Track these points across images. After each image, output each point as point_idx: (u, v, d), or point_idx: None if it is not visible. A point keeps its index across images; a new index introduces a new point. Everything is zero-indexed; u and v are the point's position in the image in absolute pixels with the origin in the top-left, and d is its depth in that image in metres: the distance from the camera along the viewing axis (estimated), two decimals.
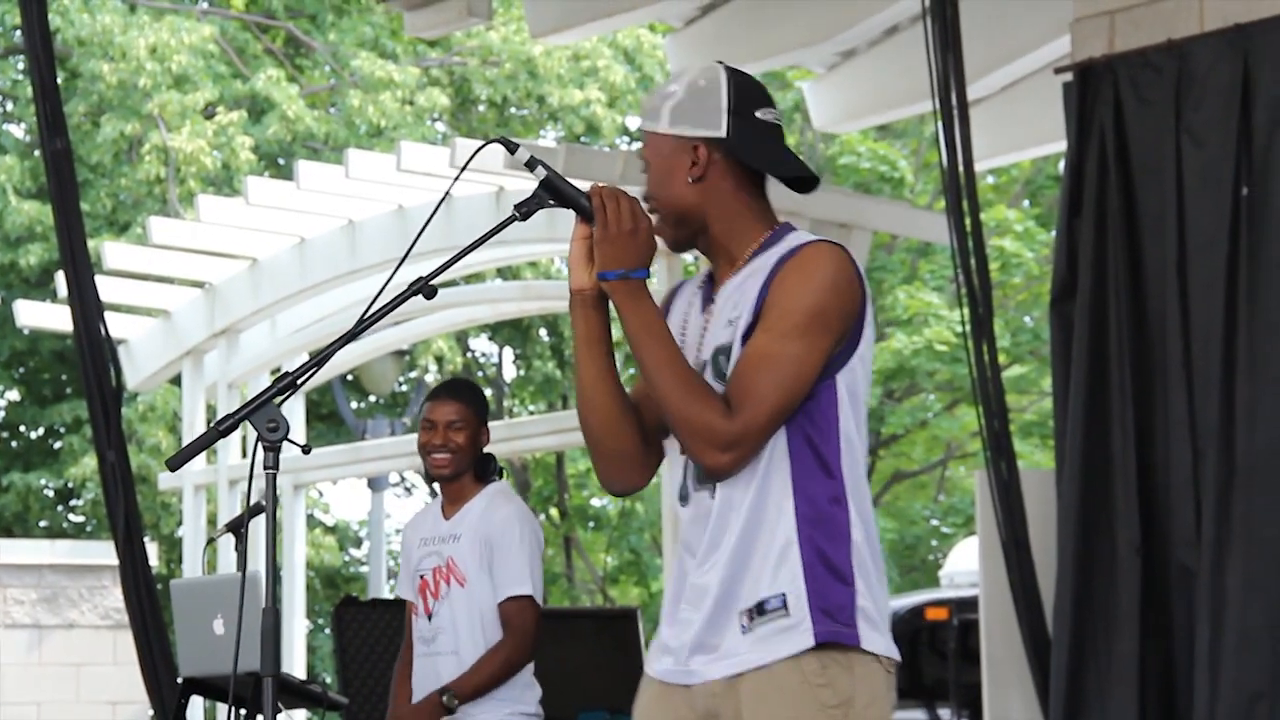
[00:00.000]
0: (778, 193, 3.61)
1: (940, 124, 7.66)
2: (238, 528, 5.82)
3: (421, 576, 5.74)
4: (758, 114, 3.53)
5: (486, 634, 5.61)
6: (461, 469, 5.73)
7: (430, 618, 5.68)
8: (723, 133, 3.48)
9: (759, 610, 3.37)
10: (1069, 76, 7.52)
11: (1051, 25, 8.66)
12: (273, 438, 3.24)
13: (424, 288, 3.32)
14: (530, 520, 5.76)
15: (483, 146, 3.50)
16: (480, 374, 24.56)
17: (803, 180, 3.59)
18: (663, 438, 3.55)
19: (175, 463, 3.26)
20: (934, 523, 23.88)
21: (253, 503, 5.21)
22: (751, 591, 3.37)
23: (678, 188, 3.49)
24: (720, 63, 3.58)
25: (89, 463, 19.01)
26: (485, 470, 5.79)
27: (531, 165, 3.37)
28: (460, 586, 5.64)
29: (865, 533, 3.42)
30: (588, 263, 3.42)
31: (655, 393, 3.37)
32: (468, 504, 5.75)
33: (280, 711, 3.52)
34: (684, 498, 3.47)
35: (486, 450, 5.82)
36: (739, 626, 3.38)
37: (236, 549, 5.70)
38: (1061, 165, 8.14)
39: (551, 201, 3.38)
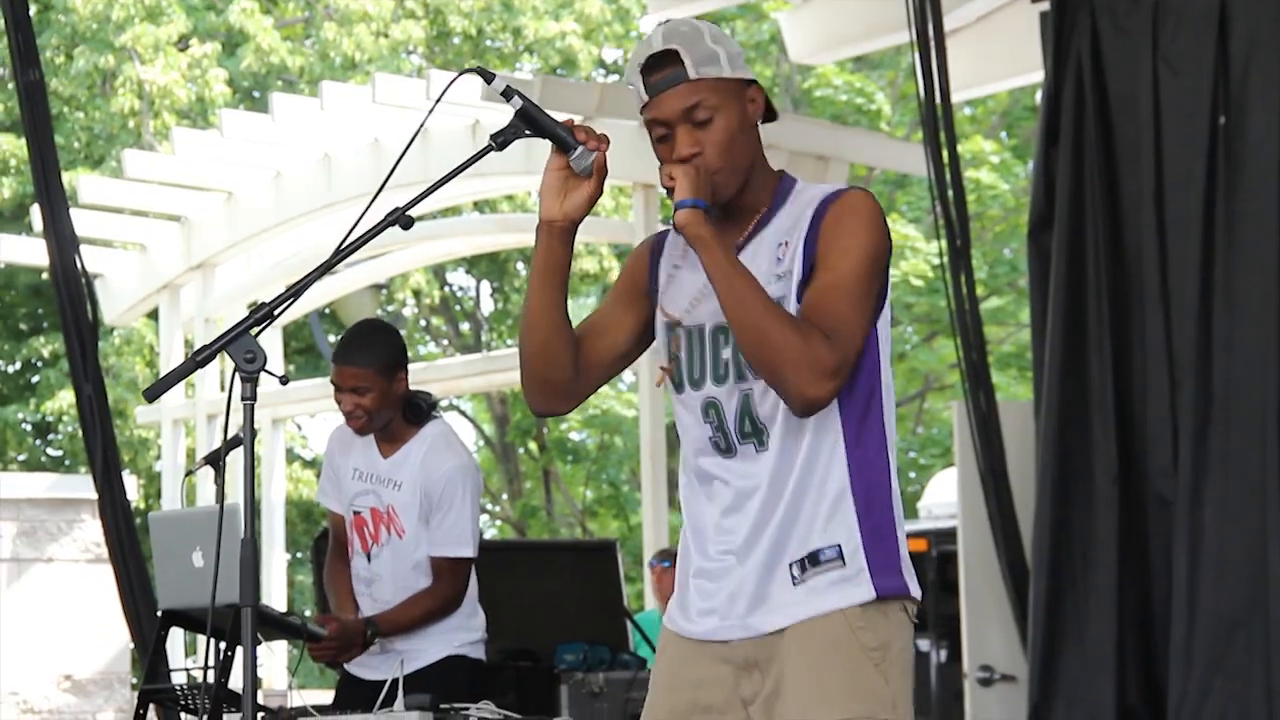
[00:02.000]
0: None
1: (917, 55, 7.64)
2: (216, 460, 5.79)
3: (358, 513, 5.64)
4: None
5: (419, 585, 5.59)
6: (381, 423, 5.58)
7: (369, 559, 5.64)
8: (754, 76, 3.47)
9: (812, 560, 3.35)
10: (1046, 6, 7.50)
11: None
12: (250, 369, 3.22)
13: (400, 218, 3.29)
14: (473, 472, 5.65)
15: (458, 76, 3.46)
16: (458, 307, 24.54)
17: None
18: (601, 375, 3.53)
19: (152, 393, 3.24)
20: (912, 454, 23.91)
21: (230, 435, 5.19)
22: (803, 542, 3.36)
23: (751, 137, 3.43)
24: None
25: (65, 396, 18.97)
26: (417, 414, 5.62)
27: (508, 95, 3.34)
28: (399, 538, 5.58)
29: (896, 479, 3.45)
30: (560, 193, 3.38)
31: (743, 321, 3.29)
32: (406, 446, 5.61)
33: (260, 642, 3.53)
34: (728, 450, 3.42)
35: (417, 391, 5.65)
36: (789, 577, 3.36)
37: (215, 481, 5.68)
38: (1039, 96, 8.14)
39: (528, 132, 3.35)
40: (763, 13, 21.26)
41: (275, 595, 13.02)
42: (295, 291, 3.26)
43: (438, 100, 3.48)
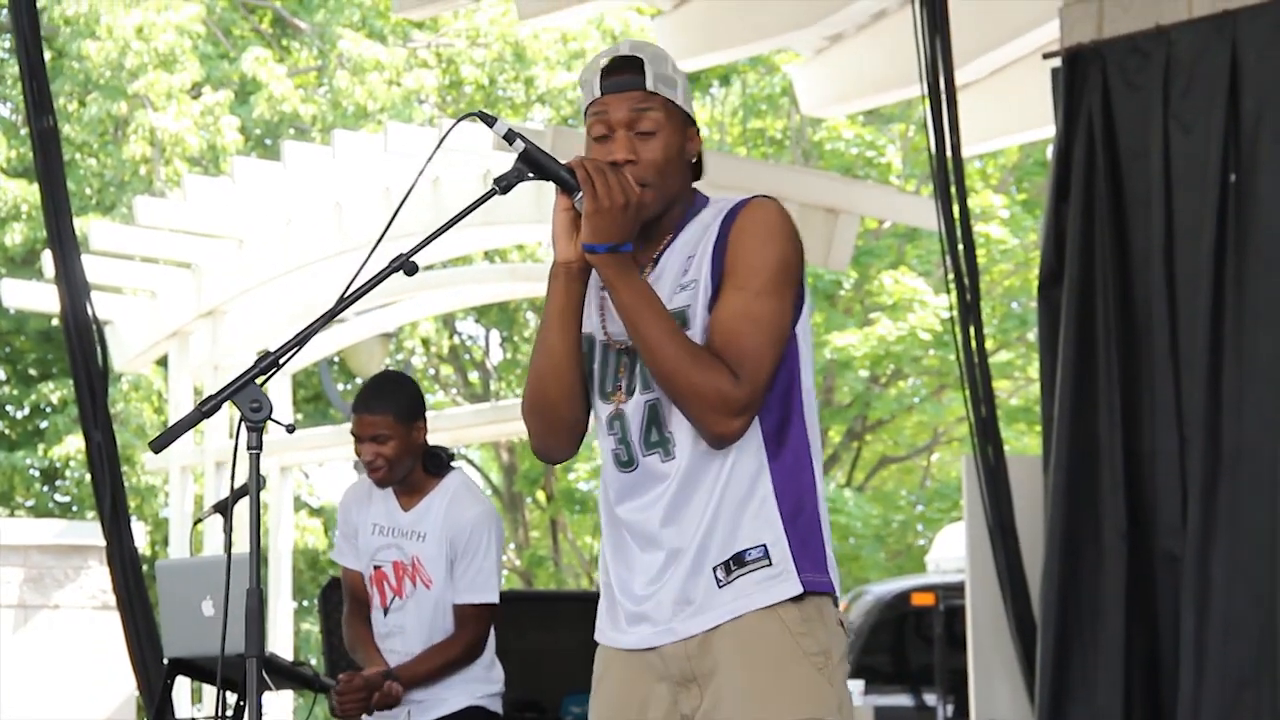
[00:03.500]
0: (771, 176, 3.59)
1: (928, 109, 7.65)
2: (224, 509, 5.79)
3: (378, 567, 5.63)
4: None
5: (440, 633, 5.58)
6: (402, 473, 5.59)
7: (386, 613, 5.63)
8: (695, 119, 3.52)
9: (737, 561, 3.36)
10: (1057, 62, 7.52)
11: (1040, 10, 8.65)
12: (256, 418, 3.22)
13: (404, 264, 3.30)
14: (496, 520, 5.67)
15: (460, 120, 3.47)
16: (467, 356, 24.55)
17: None
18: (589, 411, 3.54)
19: (159, 444, 3.24)
20: (920, 508, 23.88)
21: (239, 484, 5.20)
22: (726, 545, 3.36)
23: (683, 165, 3.48)
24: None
25: (73, 442, 18.98)
26: (436, 464, 5.63)
27: (510, 138, 3.35)
28: (426, 588, 5.58)
29: (822, 485, 3.48)
30: (572, 234, 3.40)
31: (656, 364, 3.33)
32: (428, 498, 5.62)
33: (268, 690, 3.52)
34: (628, 463, 3.43)
35: (434, 445, 5.66)
36: (713, 580, 3.36)
37: (223, 530, 5.68)
38: (1049, 151, 8.15)
39: (531, 174, 3.36)
40: (774, 65, 21.30)
41: (282, 644, 13.00)
42: (301, 340, 3.27)
43: (439, 145, 3.49)
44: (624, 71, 3.44)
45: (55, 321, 18.77)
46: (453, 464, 5.70)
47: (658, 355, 3.33)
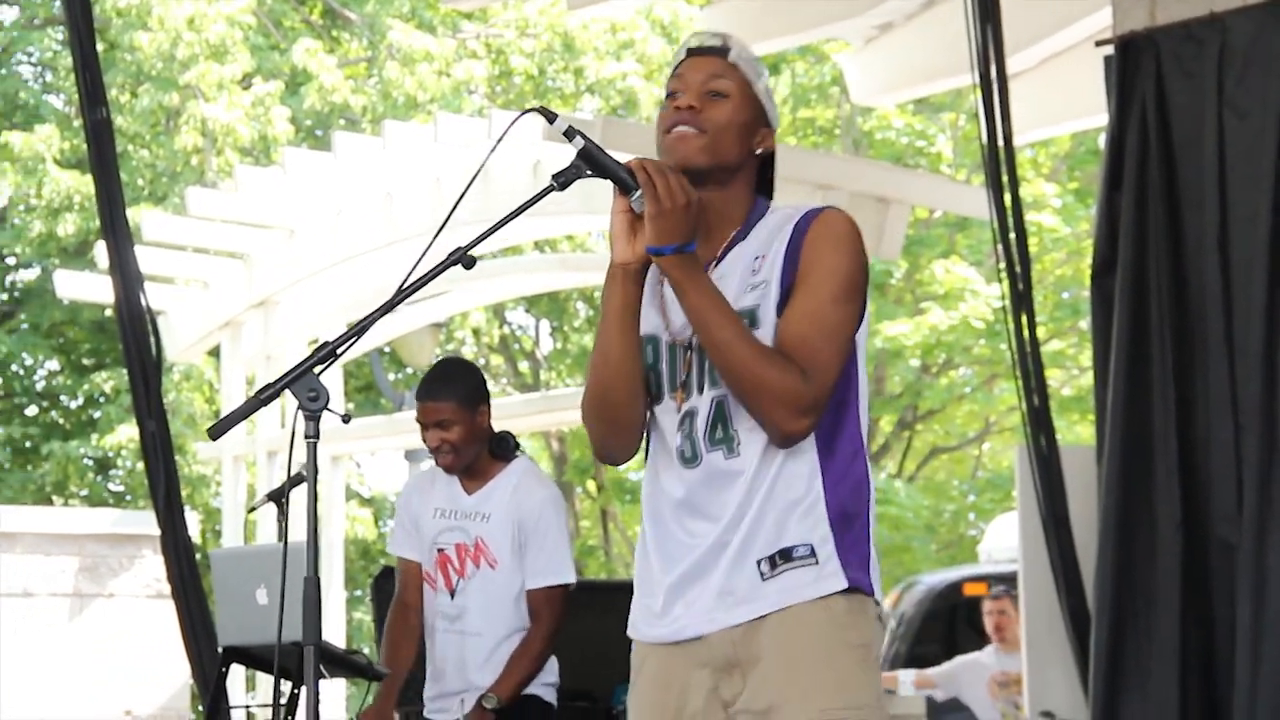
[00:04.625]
0: (821, 165, 3.59)
1: (980, 97, 7.63)
2: (279, 497, 5.81)
3: (441, 550, 5.66)
4: None
5: (513, 615, 5.60)
6: (468, 458, 5.63)
7: (453, 595, 5.64)
8: (775, 126, 3.57)
9: (783, 557, 3.38)
10: (1110, 49, 7.48)
11: None
12: (313, 407, 3.23)
13: (462, 257, 3.30)
14: (562, 503, 5.73)
15: (521, 115, 3.47)
16: (517, 346, 24.58)
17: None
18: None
19: (216, 431, 3.26)
20: (971, 498, 23.83)
21: (294, 472, 5.22)
22: (772, 540, 3.38)
23: (745, 143, 3.50)
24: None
25: (125, 431, 19.08)
26: (502, 449, 5.68)
27: (570, 135, 3.34)
28: (491, 569, 5.60)
29: (872, 486, 3.49)
30: (630, 235, 3.40)
31: (726, 363, 3.34)
32: (493, 482, 5.66)
33: (323, 678, 3.53)
34: (692, 459, 3.44)
35: (500, 430, 5.71)
36: (757, 574, 3.38)
37: (278, 519, 5.70)
38: (1101, 139, 8.11)
39: (589, 172, 3.35)
40: (824, 54, 21.26)
41: (334, 633, 13.04)
42: (358, 330, 3.28)
43: (499, 140, 3.49)
44: (711, 45, 3.52)
45: (108, 312, 18.86)
46: (519, 450, 5.73)
47: (727, 354, 3.34)
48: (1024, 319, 7.68)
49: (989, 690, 10.42)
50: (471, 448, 5.62)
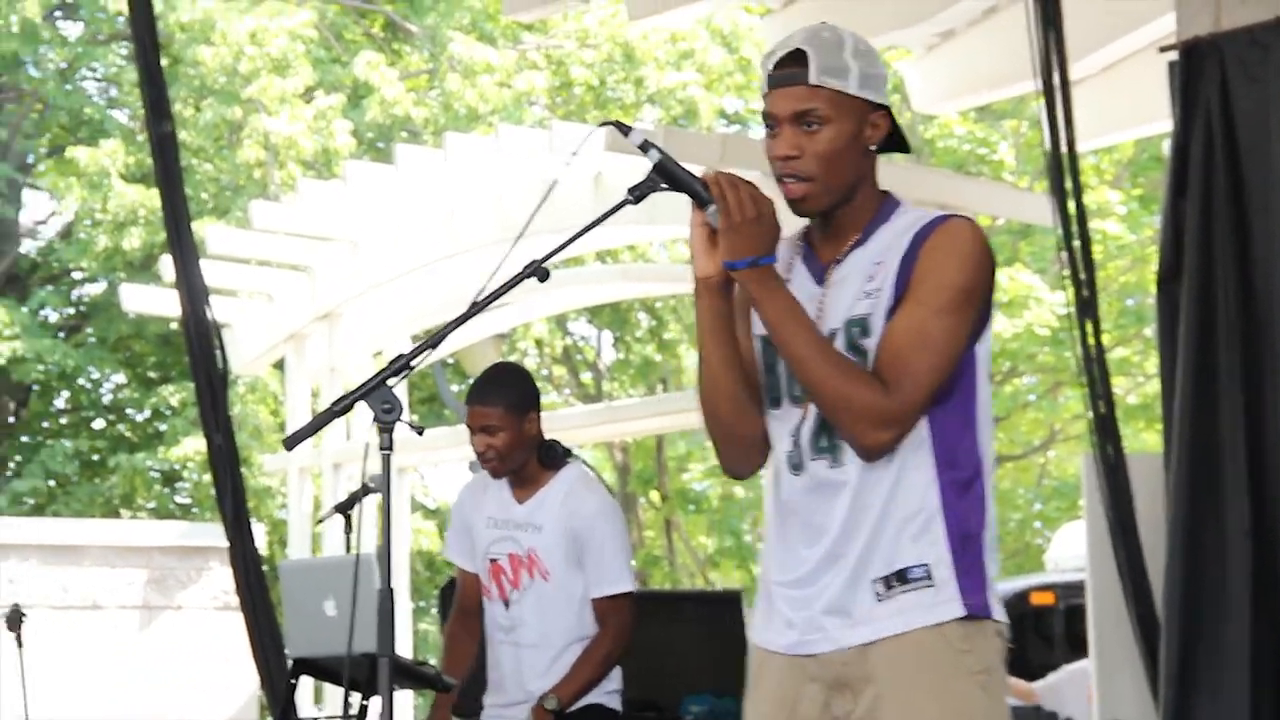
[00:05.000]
0: (882, 173, 3.55)
1: (1043, 104, 7.60)
2: (347, 509, 5.83)
3: (494, 560, 5.63)
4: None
5: (571, 625, 5.56)
6: (515, 465, 5.59)
7: (507, 605, 5.62)
8: (886, 101, 3.44)
9: (899, 579, 3.33)
10: (1174, 55, 7.44)
11: (1156, 3, 8.57)
12: (387, 419, 3.25)
13: (537, 270, 3.31)
14: (617, 509, 5.67)
15: (594, 130, 3.47)
16: (579, 357, 24.60)
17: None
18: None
19: (291, 443, 3.27)
20: (1037, 506, 23.73)
21: (361, 484, 5.23)
22: (888, 559, 3.33)
23: (857, 156, 3.41)
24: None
25: (191, 444, 19.17)
26: (551, 457, 5.63)
27: (645, 148, 3.33)
28: (544, 580, 5.57)
29: (993, 508, 3.43)
30: (710, 248, 3.36)
31: (804, 376, 3.31)
32: (543, 491, 5.62)
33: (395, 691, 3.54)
34: (797, 467, 3.41)
35: (549, 438, 5.67)
36: (873, 594, 3.34)
37: (345, 530, 5.72)
38: (1165, 145, 8.08)
39: (664, 185, 3.34)
40: (885, 62, 21.15)
41: (400, 644, 13.08)
42: (432, 342, 3.29)
43: (574, 153, 3.54)
44: (790, 65, 3.38)
45: (174, 325, 18.97)
46: (570, 458, 5.69)
47: (804, 367, 3.31)
48: (1089, 326, 7.65)
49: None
50: (518, 454, 5.58)
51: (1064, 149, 7.57)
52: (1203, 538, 7.09)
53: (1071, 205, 7.58)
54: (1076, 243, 7.60)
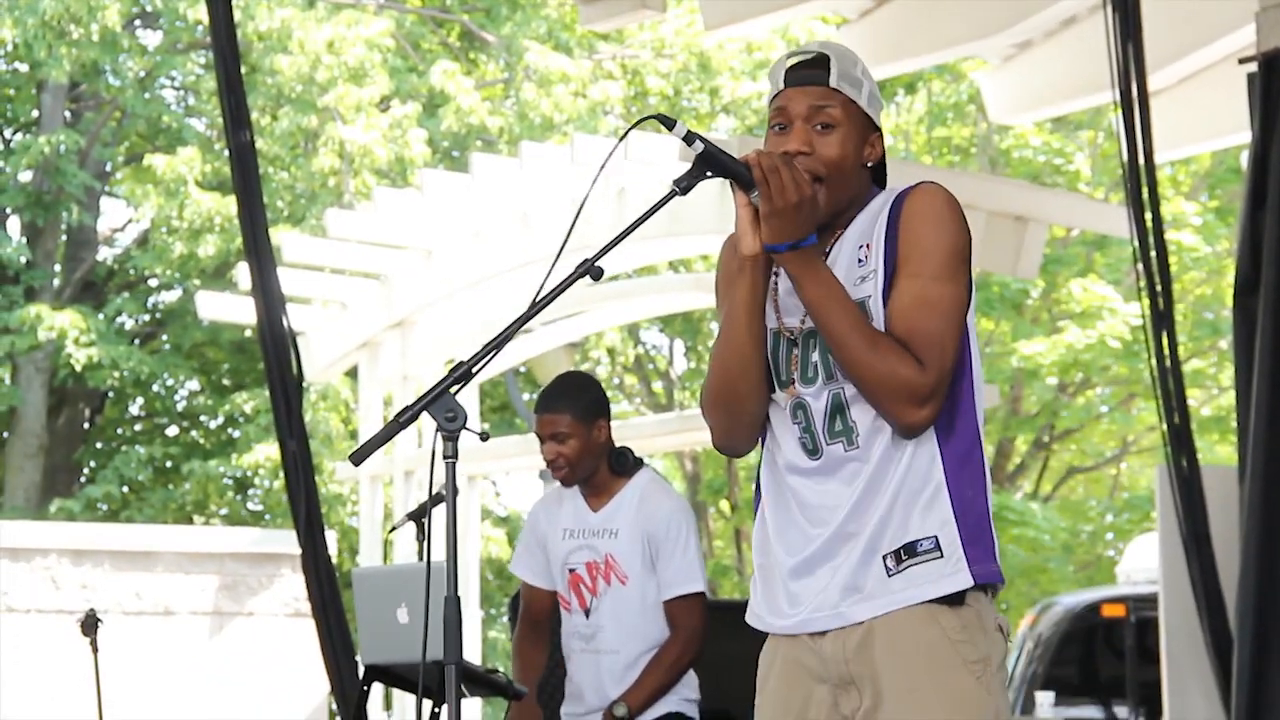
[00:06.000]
0: (957, 184, 3.58)
1: (1120, 115, 7.57)
2: (419, 517, 5.84)
3: (573, 571, 5.63)
4: None
5: (649, 630, 5.56)
6: (584, 473, 5.60)
7: (588, 614, 5.62)
8: (880, 124, 3.54)
9: (908, 551, 3.37)
10: (1253, 67, 7.40)
11: (1235, 15, 8.53)
12: (451, 427, 3.25)
13: (590, 268, 3.32)
14: (690, 511, 5.69)
15: (639, 122, 3.48)
16: (651, 366, 24.61)
17: None
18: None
19: (358, 458, 3.27)
20: (1109, 518, 23.60)
21: (433, 492, 5.25)
22: (898, 535, 3.37)
23: (857, 166, 3.49)
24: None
25: (263, 451, 19.28)
26: (622, 464, 5.63)
27: (689, 140, 3.37)
28: (622, 584, 5.57)
29: (987, 468, 3.46)
30: (755, 228, 3.40)
31: (843, 355, 3.35)
32: (617, 497, 5.62)
33: (464, 697, 3.55)
34: (814, 451, 3.44)
35: (620, 445, 5.67)
36: (884, 569, 3.37)
37: (418, 538, 5.73)
38: (1243, 157, 8.02)
39: (709, 173, 3.38)
40: (961, 73, 21.16)
41: (470, 652, 13.10)
42: (493, 347, 3.30)
43: (618, 143, 3.50)
44: (809, 67, 3.48)
45: (248, 332, 19.08)
46: (641, 464, 5.70)
47: (845, 347, 3.35)
48: (1165, 338, 7.61)
49: None
50: (587, 462, 5.59)
51: (1141, 160, 7.54)
52: (1277, 551, 7.04)
53: (1148, 217, 7.55)
54: (1153, 254, 7.56)
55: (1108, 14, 7.48)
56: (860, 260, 3.44)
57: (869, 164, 3.50)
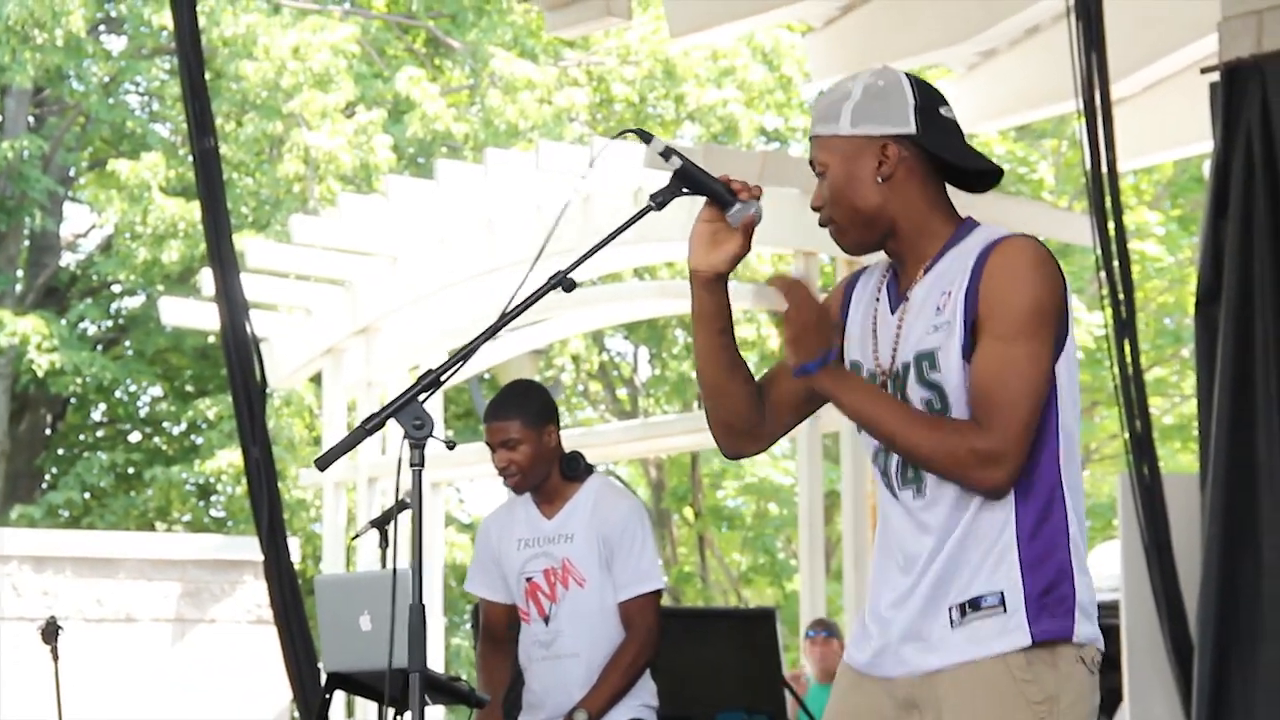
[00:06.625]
0: None
1: (1083, 124, 7.59)
2: (383, 524, 5.83)
3: (530, 579, 5.61)
4: (941, 110, 3.52)
5: (608, 632, 5.56)
6: (536, 480, 5.59)
7: (547, 621, 5.61)
8: (912, 129, 3.47)
9: (973, 605, 3.35)
10: (1215, 76, 7.43)
11: (1197, 24, 8.56)
12: (419, 435, 3.25)
13: (562, 280, 3.33)
14: (645, 512, 5.69)
15: (617, 137, 3.50)
16: (616, 373, 24.61)
17: (982, 177, 3.57)
18: (790, 417, 3.58)
19: (324, 463, 3.27)
20: None
21: (397, 499, 5.24)
22: (965, 587, 3.36)
23: (865, 189, 3.46)
24: (885, 66, 3.57)
25: (226, 457, 19.23)
26: (573, 469, 5.62)
27: (667, 155, 3.38)
28: (580, 587, 5.57)
29: (1080, 526, 3.42)
30: (711, 245, 3.43)
31: (904, 451, 3.37)
32: (571, 502, 5.61)
33: (426, 705, 3.55)
34: (894, 494, 3.46)
35: (570, 451, 5.66)
36: (948, 620, 3.37)
37: (381, 545, 5.72)
38: (1205, 166, 8.06)
39: (686, 190, 3.39)
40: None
41: (433, 659, 13.08)
42: (462, 356, 3.30)
43: (594, 158, 3.53)
44: (813, 128, 3.56)
45: (211, 338, 19.03)
46: (592, 469, 5.70)
47: (897, 443, 3.36)
48: (1127, 346, 7.63)
49: None
50: (539, 468, 5.59)
51: (1104, 169, 7.56)
52: (1238, 559, 7.07)
53: (1111, 225, 7.57)
54: (1115, 263, 7.58)
55: (1072, 23, 7.50)
56: (939, 308, 3.41)
57: (880, 180, 3.45)
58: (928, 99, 3.51)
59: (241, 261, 9.48)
